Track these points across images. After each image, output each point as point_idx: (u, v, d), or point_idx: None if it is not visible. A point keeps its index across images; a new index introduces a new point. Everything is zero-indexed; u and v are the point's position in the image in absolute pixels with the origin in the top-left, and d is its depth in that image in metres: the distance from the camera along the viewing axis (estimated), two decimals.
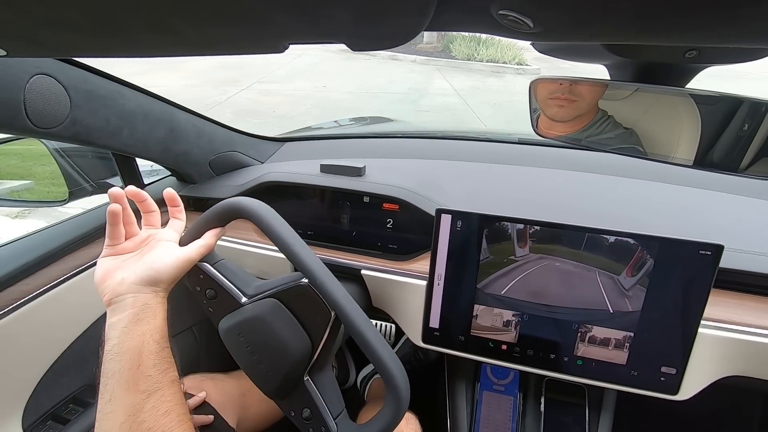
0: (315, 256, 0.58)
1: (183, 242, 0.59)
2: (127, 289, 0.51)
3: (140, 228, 0.59)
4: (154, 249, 0.55)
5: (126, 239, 0.56)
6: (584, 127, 0.53)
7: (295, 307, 0.61)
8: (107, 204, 0.52)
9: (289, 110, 5.22)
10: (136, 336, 0.49)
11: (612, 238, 0.68)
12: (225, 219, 0.60)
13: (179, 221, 0.61)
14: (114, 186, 0.97)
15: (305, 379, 0.60)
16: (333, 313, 0.58)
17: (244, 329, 0.61)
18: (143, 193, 0.57)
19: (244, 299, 0.62)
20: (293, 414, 0.61)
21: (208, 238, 0.59)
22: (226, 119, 1.03)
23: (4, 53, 0.30)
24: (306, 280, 0.59)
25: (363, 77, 7.20)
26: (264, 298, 0.61)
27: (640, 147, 0.49)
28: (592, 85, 0.51)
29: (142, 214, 0.59)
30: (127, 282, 0.52)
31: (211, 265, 0.62)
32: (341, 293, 0.57)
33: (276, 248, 0.58)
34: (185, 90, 5.84)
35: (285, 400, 0.61)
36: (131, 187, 0.55)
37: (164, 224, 0.60)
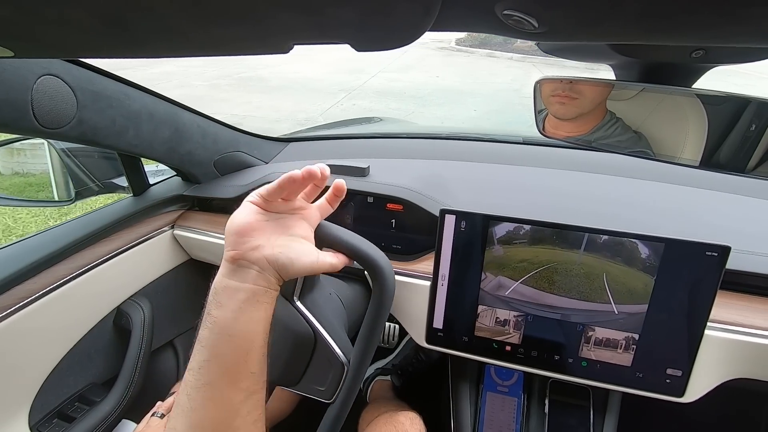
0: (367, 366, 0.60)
1: (317, 235, 0.56)
2: (257, 261, 0.46)
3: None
4: (297, 240, 0.51)
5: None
6: (593, 129, 0.52)
7: (318, 355, 0.62)
8: (113, 203, 0.52)
9: (416, 92, 6.11)
10: (252, 321, 0.45)
11: (617, 239, 0.67)
12: (358, 259, 0.58)
13: (330, 209, 0.57)
14: (119, 186, 0.98)
15: None
16: (331, 401, 0.61)
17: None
18: (328, 174, 0.53)
19: (298, 302, 0.63)
20: None
21: (338, 262, 0.55)
22: (371, 98, 1.06)
23: (12, 54, 0.30)
24: (344, 361, 0.61)
25: (467, 70, 8.23)
26: (307, 319, 0.62)
27: (647, 148, 0.49)
28: (593, 83, 0.50)
29: (310, 185, 0.55)
30: (261, 253, 0.47)
31: None
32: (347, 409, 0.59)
33: None
34: (327, 76, 6.95)
35: None
36: (326, 168, 0.52)
37: (170, 223, 0.59)
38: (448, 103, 5.62)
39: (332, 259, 0.53)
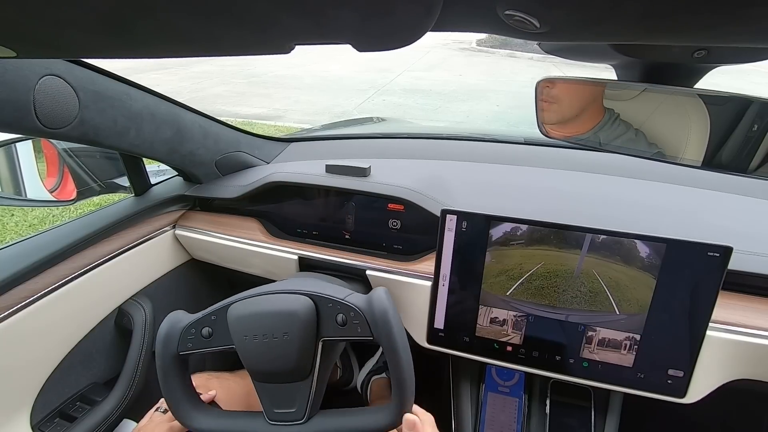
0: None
1: None
2: None
3: None
4: None
5: None
6: (594, 129, 0.52)
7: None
8: (114, 204, 0.52)
9: (441, 89, 6.35)
10: None
11: (618, 240, 0.67)
12: None
13: None
14: (121, 186, 0.99)
15: None
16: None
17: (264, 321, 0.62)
18: None
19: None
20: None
21: None
22: (399, 94, 1.07)
23: (14, 54, 0.30)
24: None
25: (489, 69, 8.44)
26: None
27: (648, 147, 0.49)
28: (566, 85, 0.51)
29: None
30: None
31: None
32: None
33: (280, 249, 0.59)
34: (356, 74, 7.26)
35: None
36: None
37: (171, 223, 0.59)
38: (471, 99, 5.86)
39: None
